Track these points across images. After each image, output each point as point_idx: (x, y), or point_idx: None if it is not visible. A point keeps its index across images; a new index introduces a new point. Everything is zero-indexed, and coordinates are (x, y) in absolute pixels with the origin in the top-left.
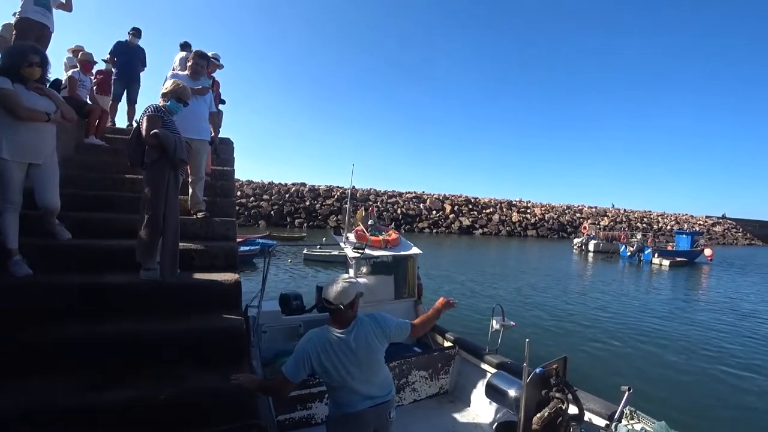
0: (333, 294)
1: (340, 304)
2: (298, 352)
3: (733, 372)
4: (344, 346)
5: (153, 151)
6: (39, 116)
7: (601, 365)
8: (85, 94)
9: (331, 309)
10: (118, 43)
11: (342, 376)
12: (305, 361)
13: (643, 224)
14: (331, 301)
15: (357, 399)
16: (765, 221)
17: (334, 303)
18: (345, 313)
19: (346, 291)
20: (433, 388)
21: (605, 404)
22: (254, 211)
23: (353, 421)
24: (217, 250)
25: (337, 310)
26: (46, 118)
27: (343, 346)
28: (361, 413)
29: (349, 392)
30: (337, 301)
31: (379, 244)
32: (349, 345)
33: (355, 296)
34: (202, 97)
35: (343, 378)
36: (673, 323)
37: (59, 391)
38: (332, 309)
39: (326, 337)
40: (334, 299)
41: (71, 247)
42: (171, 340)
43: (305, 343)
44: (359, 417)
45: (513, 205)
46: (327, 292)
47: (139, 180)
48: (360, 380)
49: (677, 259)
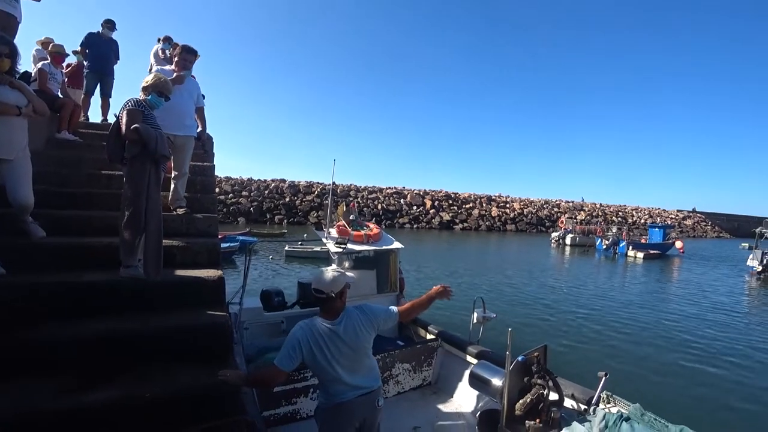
0: (324, 283)
1: (331, 292)
2: (289, 341)
3: (701, 356)
4: (334, 337)
5: (133, 147)
6: (10, 110)
7: (579, 353)
8: (57, 88)
9: (321, 298)
10: (90, 34)
11: (332, 366)
12: (297, 349)
13: (619, 218)
14: (322, 290)
15: (346, 389)
16: (732, 215)
17: (325, 291)
18: (335, 303)
19: (336, 280)
20: (416, 380)
21: (583, 390)
22: (233, 208)
23: (343, 410)
24: (199, 246)
25: (327, 299)
26: (17, 111)
27: (333, 336)
28: (350, 402)
29: (338, 383)
30: (328, 289)
31: (361, 239)
32: (338, 335)
33: (344, 286)
34: (188, 92)
35: (332, 368)
36: (646, 312)
37: (39, 395)
38: (323, 298)
39: (316, 327)
40: (325, 288)
41: (46, 245)
42: (155, 338)
43: (296, 332)
44: (349, 406)
45: (492, 200)
46: (318, 282)
47: (116, 176)
48: (348, 370)
49: (651, 252)
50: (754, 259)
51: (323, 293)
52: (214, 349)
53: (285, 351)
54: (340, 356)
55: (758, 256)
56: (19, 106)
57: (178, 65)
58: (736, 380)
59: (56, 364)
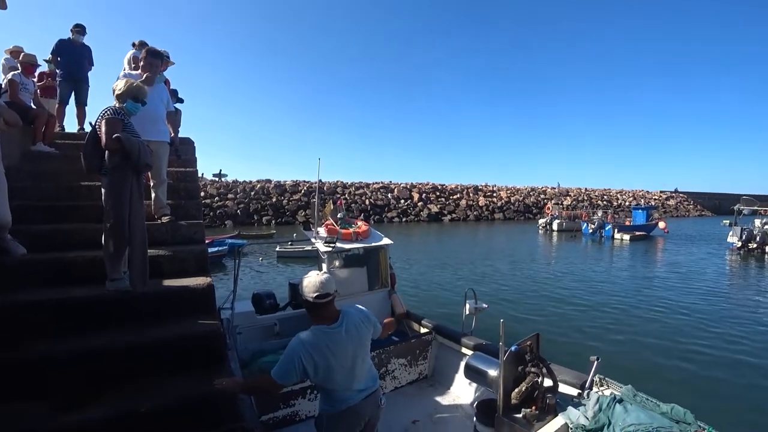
0: (327, 285)
1: (334, 291)
2: (288, 356)
3: (688, 335)
4: (338, 340)
5: (114, 157)
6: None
7: (571, 338)
8: (29, 99)
9: (326, 302)
10: (60, 41)
11: (339, 374)
12: (297, 365)
13: (604, 202)
14: (327, 293)
15: (351, 394)
16: (713, 193)
17: (330, 293)
18: (332, 305)
19: (329, 280)
20: (412, 374)
21: (577, 374)
22: (220, 212)
23: (348, 416)
24: (186, 254)
25: (330, 301)
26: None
27: (337, 340)
28: (356, 407)
29: (343, 389)
30: (331, 289)
31: (350, 237)
32: (341, 338)
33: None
34: (159, 96)
35: (339, 376)
36: (633, 295)
37: (29, 416)
38: (328, 301)
39: (318, 336)
40: (330, 290)
41: (28, 262)
42: (146, 351)
43: (297, 348)
44: (355, 411)
45: (479, 189)
46: (322, 287)
47: (96, 187)
48: (352, 374)
49: (637, 233)
50: (733, 236)
51: (329, 295)
52: (207, 357)
53: (284, 366)
54: (346, 360)
55: (737, 232)
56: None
57: (144, 69)
58: (722, 357)
59: (46, 384)
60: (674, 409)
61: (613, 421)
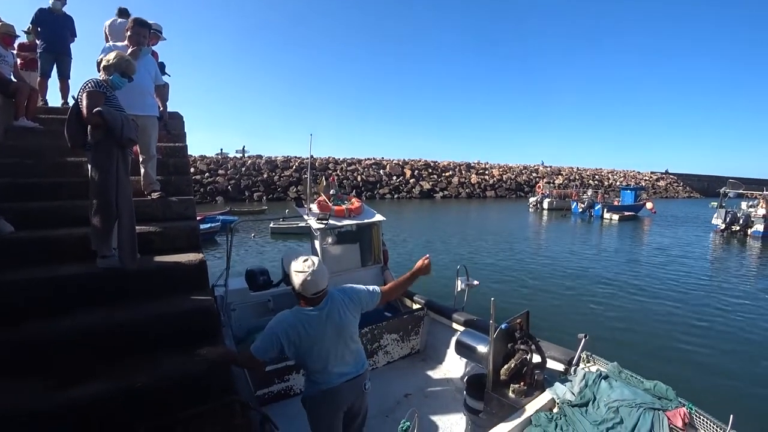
0: (323, 280)
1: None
2: (267, 333)
3: (671, 313)
4: (317, 324)
5: (97, 132)
6: None
7: (559, 315)
8: (8, 72)
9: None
10: (40, 10)
11: (316, 354)
12: (274, 342)
13: (595, 181)
14: (323, 288)
15: (332, 376)
16: (703, 175)
17: (325, 288)
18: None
19: (323, 275)
20: (405, 349)
21: (565, 351)
22: (210, 188)
23: (329, 397)
24: (177, 230)
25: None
26: None
27: (316, 323)
28: (337, 389)
29: (323, 370)
30: (320, 287)
31: (343, 214)
32: (322, 321)
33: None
34: (146, 69)
35: (317, 357)
36: (620, 274)
37: (24, 394)
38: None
39: (298, 317)
40: (325, 284)
41: (16, 240)
42: (139, 328)
43: (275, 325)
44: (335, 393)
45: (472, 167)
46: (314, 285)
47: (82, 163)
48: (334, 356)
49: (626, 213)
50: (718, 218)
51: (318, 292)
52: (201, 334)
53: (262, 342)
54: (323, 343)
55: (722, 214)
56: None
57: (131, 40)
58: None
59: (41, 362)
60: (657, 386)
61: (598, 397)
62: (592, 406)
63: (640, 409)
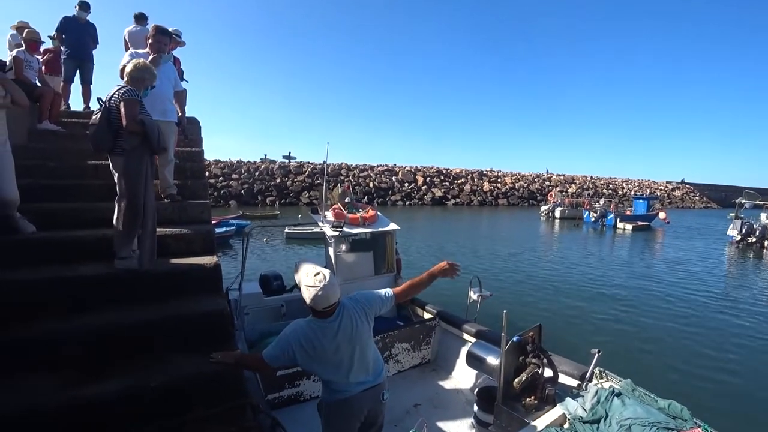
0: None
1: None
2: (281, 342)
3: (689, 331)
4: (331, 334)
5: (133, 138)
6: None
7: (573, 328)
8: (34, 76)
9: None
10: (65, 18)
11: (331, 365)
12: (287, 350)
13: (609, 190)
14: (328, 306)
15: (347, 385)
16: (719, 185)
17: (331, 304)
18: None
19: (334, 289)
20: (415, 358)
21: (577, 366)
22: (224, 191)
23: (346, 406)
24: (192, 234)
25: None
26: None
27: (330, 334)
28: (353, 398)
29: (337, 380)
30: (332, 302)
31: (357, 222)
32: (335, 333)
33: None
34: (166, 76)
35: (332, 366)
36: (633, 287)
37: (41, 390)
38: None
39: (311, 327)
40: (337, 297)
41: (37, 240)
42: (154, 328)
43: (290, 334)
44: (352, 402)
45: (484, 174)
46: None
47: (102, 166)
48: (350, 366)
49: (639, 223)
50: (733, 229)
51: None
52: (214, 336)
53: (275, 350)
54: (337, 354)
55: (737, 225)
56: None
57: (152, 47)
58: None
59: (57, 359)
60: (672, 405)
61: (611, 414)
62: (603, 423)
63: (654, 428)
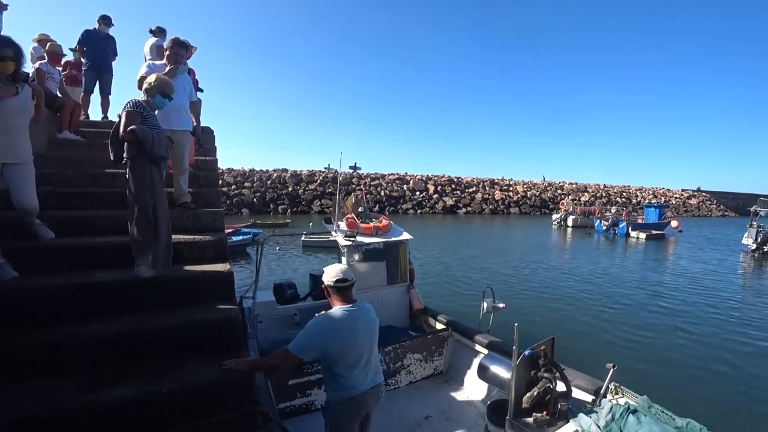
0: (347, 272)
1: (352, 278)
2: (309, 330)
3: (708, 347)
4: (353, 319)
5: (131, 147)
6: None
7: (587, 342)
8: (55, 87)
9: (345, 286)
10: (86, 31)
11: (349, 353)
12: (317, 338)
13: (623, 198)
14: (346, 278)
15: (359, 382)
16: (737, 193)
17: (348, 279)
18: (351, 291)
19: (349, 270)
20: (427, 369)
21: (591, 380)
22: (236, 200)
23: (354, 403)
24: (206, 241)
25: (349, 286)
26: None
27: (356, 318)
28: (363, 395)
29: (352, 374)
30: (345, 276)
31: (370, 231)
32: (359, 318)
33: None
34: (182, 86)
35: (349, 355)
36: (647, 299)
37: (57, 394)
38: (346, 286)
39: (339, 314)
40: (349, 276)
41: (56, 246)
42: (168, 335)
43: (320, 321)
44: (361, 399)
45: (495, 183)
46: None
47: (120, 174)
48: (363, 361)
49: (653, 232)
50: (748, 238)
51: (347, 281)
52: (226, 343)
53: (302, 341)
54: (359, 340)
55: (752, 234)
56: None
57: (170, 59)
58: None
59: (72, 364)
60: (690, 424)
61: None
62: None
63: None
